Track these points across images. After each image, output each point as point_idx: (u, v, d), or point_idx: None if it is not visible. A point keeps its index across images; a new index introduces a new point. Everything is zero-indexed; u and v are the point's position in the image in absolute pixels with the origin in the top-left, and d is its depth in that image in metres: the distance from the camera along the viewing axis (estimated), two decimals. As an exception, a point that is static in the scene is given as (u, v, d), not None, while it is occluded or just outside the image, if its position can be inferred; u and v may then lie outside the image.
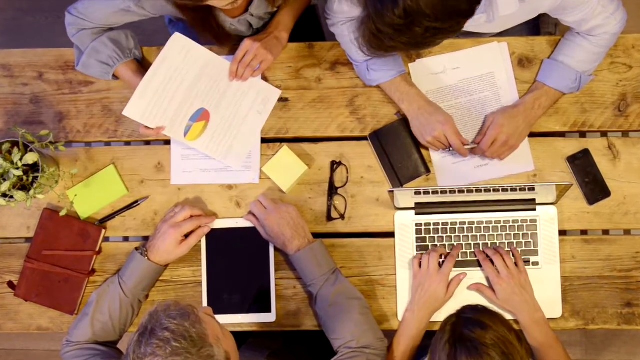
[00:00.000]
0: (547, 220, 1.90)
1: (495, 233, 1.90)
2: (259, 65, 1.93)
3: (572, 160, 1.92)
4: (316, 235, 1.90)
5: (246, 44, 1.91)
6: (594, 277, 1.90)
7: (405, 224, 1.92)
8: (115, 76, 1.97)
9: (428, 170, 1.93)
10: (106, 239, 1.99)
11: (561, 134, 1.97)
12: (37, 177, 1.84)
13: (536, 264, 1.89)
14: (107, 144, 2.04)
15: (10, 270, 1.98)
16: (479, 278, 1.89)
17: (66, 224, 1.95)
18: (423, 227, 1.91)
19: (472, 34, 1.91)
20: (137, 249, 1.87)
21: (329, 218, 1.95)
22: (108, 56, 1.92)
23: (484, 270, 1.87)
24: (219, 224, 1.94)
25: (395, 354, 1.82)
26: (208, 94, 1.94)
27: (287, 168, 1.93)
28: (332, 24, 1.93)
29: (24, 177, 1.83)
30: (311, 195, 1.96)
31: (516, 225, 1.90)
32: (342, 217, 1.94)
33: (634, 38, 1.95)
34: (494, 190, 1.79)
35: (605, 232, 1.97)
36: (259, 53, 1.91)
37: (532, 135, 1.93)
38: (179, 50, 1.88)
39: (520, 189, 1.80)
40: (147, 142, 2.07)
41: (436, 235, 1.91)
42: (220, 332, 1.51)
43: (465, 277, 1.88)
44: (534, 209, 1.90)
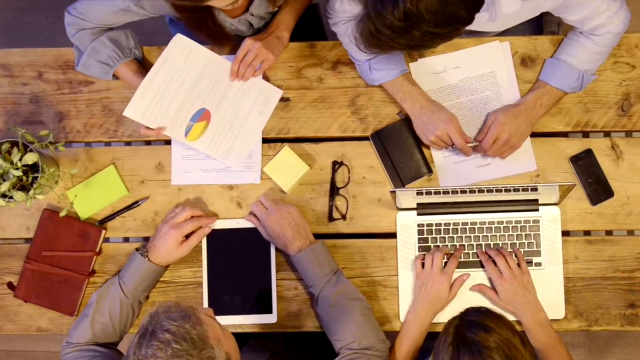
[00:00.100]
0: (549, 220, 1.89)
1: (497, 234, 1.89)
2: (260, 65, 1.93)
3: (575, 160, 1.92)
4: (317, 236, 1.89)
5: (247, 43, 1.91)
6: (597, 278, 1.89)
7: (407, 225, 1.91)
8: (116, 76, 1.96)
9: (430, 171, 1.93)
10: (106, 240, 1.99)
11: (564, 134, 1.96)
12: (37, 177, 1.83)
13: (539, 264, 1.88)
14: (107, 144, 2.03)
15: (10, 271, 1.98)
16: (482, 279, 1.89)
17: (66, 225, 1.94)
18: (425, 228, 1.91)
19: (475, 33, 1.90)
20: (137, 249, 1.87)
21: (331, 218, 1.94)
22: (108, 56, 1.91)
23: (487, 271, 1.87)
24: (219, 224, 1.94)
25: (397, 355, 1.82)
26: (209, 94, 1.93)
27: (288, 168, 1.92)
28: (333, 23, 1.92)
29: (24, 178, 1.83)
30: (312, 196, 1.95)
31: (519, 225, 1.89)
32: (343, 217, 1.94)
33: (637, 37, 1.95)
34: (497, 191, 1.78)
35: (609, 232, 1.96)
36: (260, 53, 1.90)
37: (535, 135, 1.92)
38: (181, 51, 1.88)
39: (523, 189, 1.80)
40: (148, 142, 2.06)
41: (438, 236, 1.90)
42: (221, 333, 1.51)
43: (468, 277, 1.87)
44: (537, 210, 1.89)
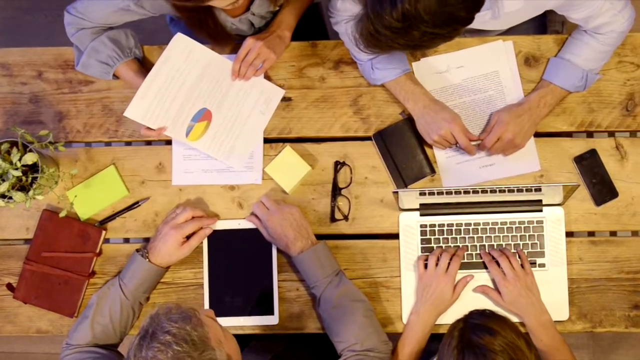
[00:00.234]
0: (553, 221, 1.88)
1: (501, 234, 1.88)
2: (261, 65, 1.93)
3: (579, 160, 1.91)
4: (319, 237, 1.88)
5: (249, 42, 1.90)
6: (601, 279, 1.88)
7: (410, 225, 1.91)
8: (116, 76, 1.95)
9: (433, 171, 1.92)
10: (106, 241, 1.98)
11: (568, 134, 1.96)
12: (37, 177, 1.83)
13: (542, 265, 1.87)
14: (108, 144, 2.03)
15: (9, 272, 1.97)
16: (485, 280, 1.88)
17: (66, 225, 1.94)
18: (428, 229, 1.90)
19: (478, 32, 1.89)
20: (137, 250, 1.86)
21: (333, 219, 1.93)
22: (108, 56, 1.91)
23: (490, 272, 1.86)
24: (220, 225, 1.93)
25: (399, 357, 1.81)
26: (210, 93, 1.92)
27: (290, 168, 1.92)
28: (335, 22, 1.92)
29: (23, 178, 1.83)
30: (314, 196, 1.94)
31: (522, 226, 1.88)
32: (345, 218, 1.93)
33: (642, 37, 1.94)
34: (500, 191, 1.78)
35: (613, 233, 1.95)
36: (261, 52, 1.90)
37: (539, 135, 1.92)
38: (181, 50, 1.87)
39: (527, 190, 1.79)
40: (148, 142, 2.06)
41: (441, 237, 1.89)
42: (222, 335, 1.51)
43: (472, 279, 1.86)
44: (541, 210, 1.88)
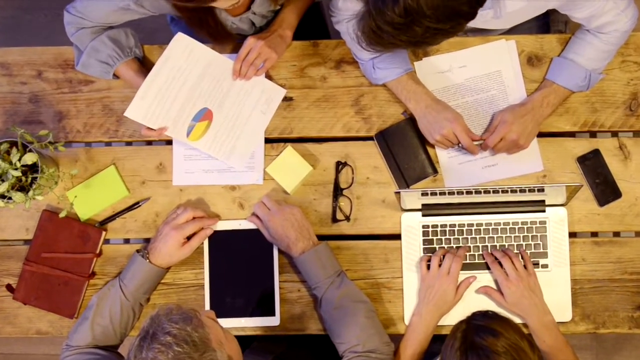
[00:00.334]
0: (556, 221, 1.88)
1: (503, 235, 1.88)
2: (262, 64, 1.92)
3: (582, 160, 1.90)
4: (321, 237, 1.88)
5: (250, 41, 1.89)
6: (605, 280, 1.88)
7: (412, 226, 1.90)
8: (116, 75, 1.95)
9: (435, 171, 1.91)
10: (106, 241, 1.98)
11: (571, 134, 1.95)
12: (36, 177, 1.82)
13: (545, 266, 1.87)
14: (108, 144, 2.02)
15: (9, 272, 1.97)
16: (487, 281, 1.87)
17: (66, 226, 1.93)
18: (430, 229, 1.89)
19: (481, 31, 1.89)
20: (138, 251, 1.86)
21: (334, 220, 1.93)
22: (108, 55, 1.90)
23: (493, 272, 1.85)
24: (221, 225, 1.93)
25: (402, 358, 1.80)
26: (211, 93, 1.92)
27: (291, 169, 1.91)
28: (337, 22, 1.91)
29: (23, 178, 1.82)
30: (316, 197, 1.94)
31: (525, 227, 1.88)
32: (347, 218, 1.92)
33: (646, 36, 1.94)
34: (503, 191, 1.77)
35: (616, 234, 1.95)
36: (262, 51, 1.89)
37: (542, 135, 1.91)
38: (182, 50, 1.87)
39: (529, 190, 1.78)
40: (149, 142, 2.06)
41: (443, 237, 1.89)
42: (223, 336, 1.50)
43: (474, 280, 1.86)
44: (543, 211, 1.88)
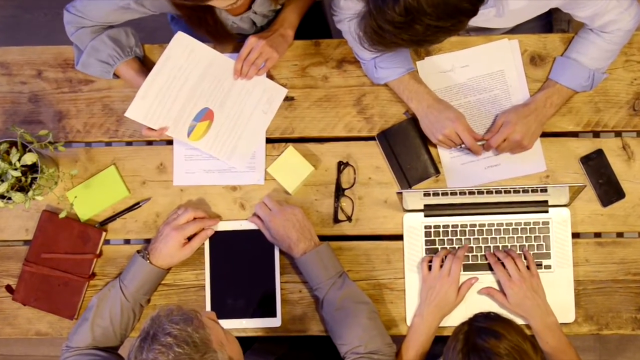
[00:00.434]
0: (559, 222, 1.87)
1: (506, 235, 1.87)
2: (264, 64, 1.91)
3: (585, 160, 1.90)
4: (322, 238, 1.87)
5: (251, 41, 1.89)
6: (608, 280, 1.87)
7: (414, 226, 1.89)
8: (116, 75, 1.94)
9: (437, 171, 1.90)
10: (107, 242, 1.97)
11: (574, 134, 1.95)
12: (36, 178, 1.82)
13: (548, 267, 1.86)
14: (108, 144, 2.02)
15: (9, 273, 1.96)
16: (490, 281, 1.87)
17: (66, 226, 1.93)
18: (432, 230, 1.88)
19: (483, 30, 1.88)
20: (138, 251, 1.86)
21: (336, 220, 1.92)
22: (108, 55, 1.90)
23: (495, 273, 1.84)
24: (222, 226, 1.92)
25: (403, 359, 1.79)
26: (212, 93, 1.91)
27: (292, 169, 1.91)
28: (338, 21, 1.90)
29: (23, 178, 1.82)
30: (317, 197, 1.93)
31: (528, 227, 1.87)
32: (349, 219, 1.92)
33: (649, 35, 1.93)
34: (505, 192, 1.77)
35: (620, 234, 1.94)
36: (264, 51, 1.88)
37: (545, 135, 1.91)
38: (183, 49, 1.87)
39: (532, 191, 1.78)
40: (149, 142, 2.06)
41: (446, 238, 1.88)
42: (224, 337, 1.50)
43: (476, 281, 1.85)
44: (546, 211, 1.87)
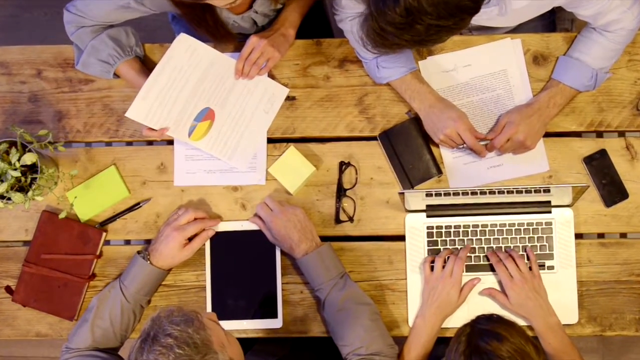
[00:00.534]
0: (562, 222, 1.86)
1: (509, 236, 1.86)
2: (265, 63, 1.91)
3: (588, 161, 1.89)
4: (324, 239, 1.87)
5: (252, 41, 1.88)
6: (611, 281, 1.87)
7: (416, 227, 1.89)
8: (117, 75, 1.94)
9: (440, 172, 1.90)
10: (107, 242, 1.97)
11: (577, 134, 1.94)
12: (36, 178, 1.82)
13: (551, 268, 1.86)
14: (108, 144, 2.02)
15: (8, 274, 1.96)
16: (492, 282, 1.87)
17: (66, 227, 1.93)
18: (434, 230, 1.88)
19: (486, 29, 1.87)
20: (139, 252, 1.85)
21: (337, 221, 1.91)
22: (108, 54, 1.89)
23: (497, 274, 1.84)
24: (223, 226, 1.92)
25: (406, 361, 1.79)
26: (213, 93, 1.91)
27: (294, 169, 1.90)
28: (340, 20, 1.90)
29: (22, 179, 1.82)
30: (319, 197, 1.92)
31: (531, 228, 1.87)
32: (350, 219, 1.91)
33: (652, 35, 1.92)
34: (508, 192, 1.77)
35: (623, 235, 1.94)
36: (265, 50, 1.88)
37: (548, 135, 1.90)
38: (184, 50, 1.87)
39: (535, 191, 1.77)
40: (150, 142, 2.05)
41: (448, 239, 1.87)
42: (225, 338, 1.50)
43: (478, 282, 1.85)
44: (549, 212, 1.86)
